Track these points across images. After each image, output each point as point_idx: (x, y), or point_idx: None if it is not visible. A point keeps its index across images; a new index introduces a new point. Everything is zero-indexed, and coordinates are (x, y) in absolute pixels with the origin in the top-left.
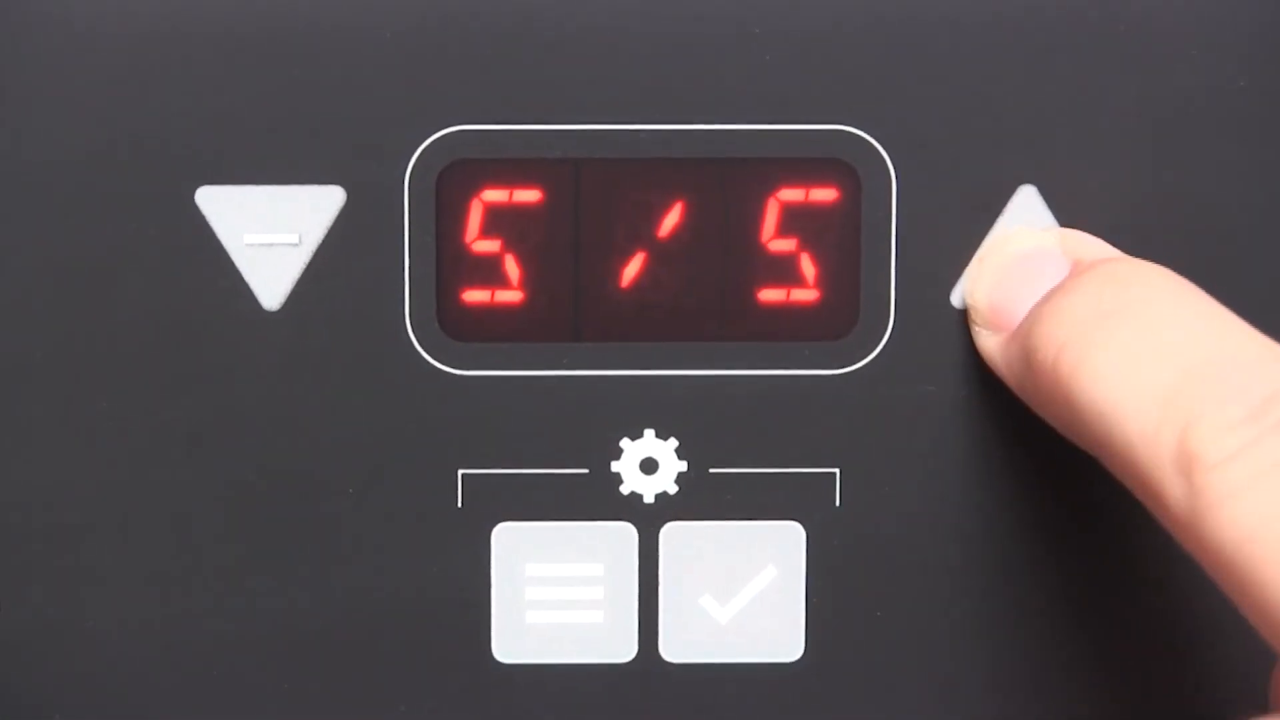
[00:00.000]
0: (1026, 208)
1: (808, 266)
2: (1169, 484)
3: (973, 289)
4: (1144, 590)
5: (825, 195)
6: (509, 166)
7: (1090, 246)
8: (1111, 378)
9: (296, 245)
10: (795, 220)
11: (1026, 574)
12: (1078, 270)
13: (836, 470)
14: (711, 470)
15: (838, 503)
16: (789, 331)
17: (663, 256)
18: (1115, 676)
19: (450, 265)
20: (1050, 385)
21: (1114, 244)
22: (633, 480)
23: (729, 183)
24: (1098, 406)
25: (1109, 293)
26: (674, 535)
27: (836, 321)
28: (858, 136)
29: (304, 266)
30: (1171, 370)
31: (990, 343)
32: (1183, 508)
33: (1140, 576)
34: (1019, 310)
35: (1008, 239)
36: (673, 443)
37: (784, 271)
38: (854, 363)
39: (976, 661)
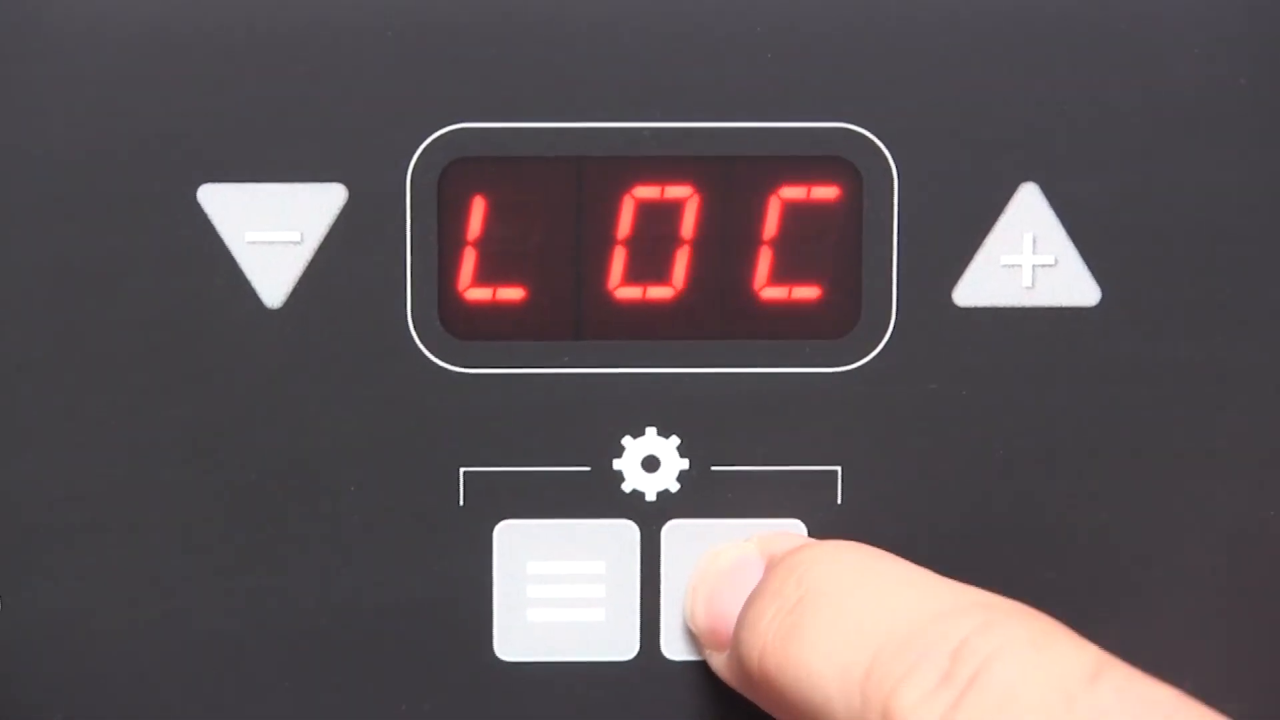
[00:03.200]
0: (1028, 205)
1: (809, 264)
2: None
3: (691, 614)
4: (1143, 590)
5: (827, 193)
6: (511, 164)
7: (781, 542)
8: (810, 669)
9: (298, 243)
10: (797, 218)
11: (1026, 573)
12: (769, 568)
13: (838, 468)
14: (713, 468)
15: (839, 500)
16: (791, 329)
17: (664, 254)
18: None
19: (452, 263)
20: (765, 688)
21: (1115, 243)
22: (634, 478)
23: (731, 180)
24: (806, 699)
25: (790, 585)
26: (676, 533)
27: (838, 319)
28: (860, 134)
29: (306, 264)
30: (860, 648)
31: (717, 662)
32: None
33: (1140, 574)
34: (731, 624)
35: (714, 556)
36: (674, 440)
37: (786, 269)
38: (856, 360)
39: None
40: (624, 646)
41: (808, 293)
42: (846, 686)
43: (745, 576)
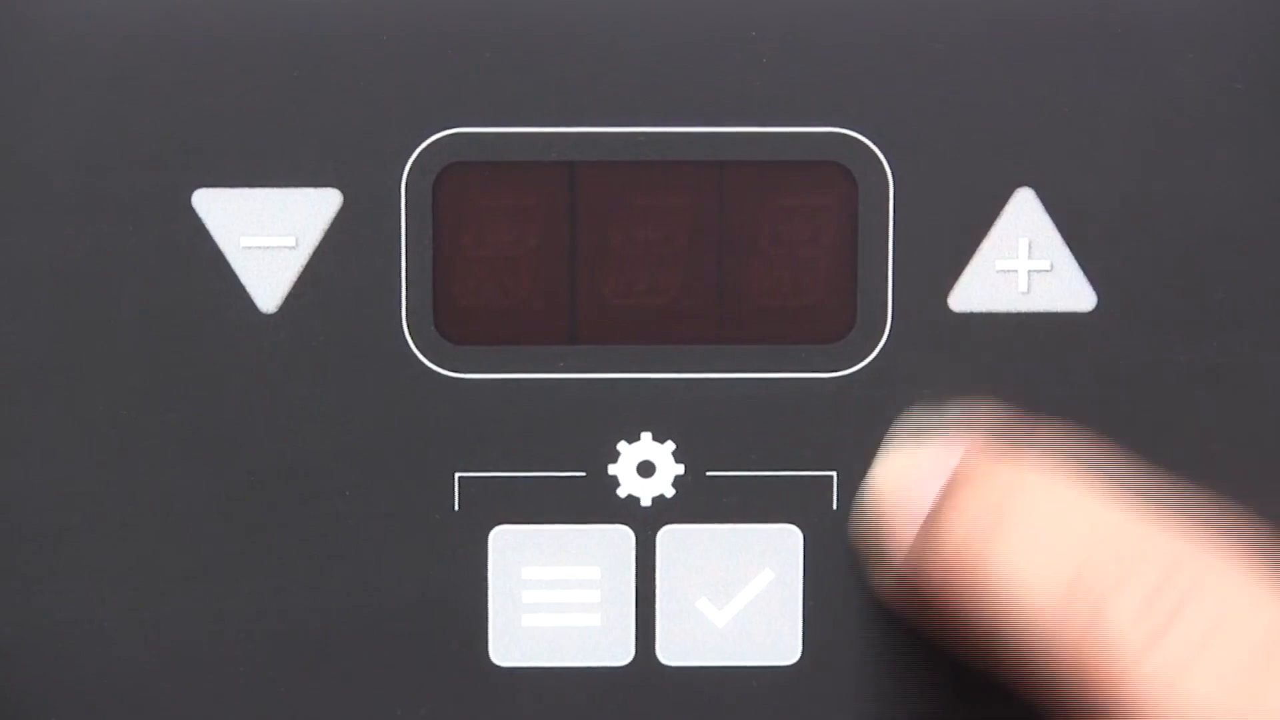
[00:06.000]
0: (1023, 211)
1: (804, 269)
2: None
3: (879, 501)
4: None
5: (822, 198)
6: (506, 169)
7: (974, 445)
8: (1014, 564)
9: (293, 248)
10: (792, 223)
11: None
12: (965, 472)
13: (833, 473)
14: (708, 473)
15: (835, 506)
16: (786, 334)
17: (660, 259)
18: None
19: (447, 268)
20: (958, 583)
21: (1111, 248)
22: (630, 483)
23: (725, 185)
24: (1007, 594)
25: (997, 480)
26: (671, 538)
27: (833, 324)
28: (854, 139)
29: (300, 269)
30: (1068, 549)
31: (901, 554)
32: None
33: None
34: (918, 519)
35: (905, 456)
36: (670, 446)
37: (781, 274)
38: (851, 366)
39: (973, 664)
40: (619, 652)
41: (803, 298)
42: (1052, 585)
43: (938, 469)
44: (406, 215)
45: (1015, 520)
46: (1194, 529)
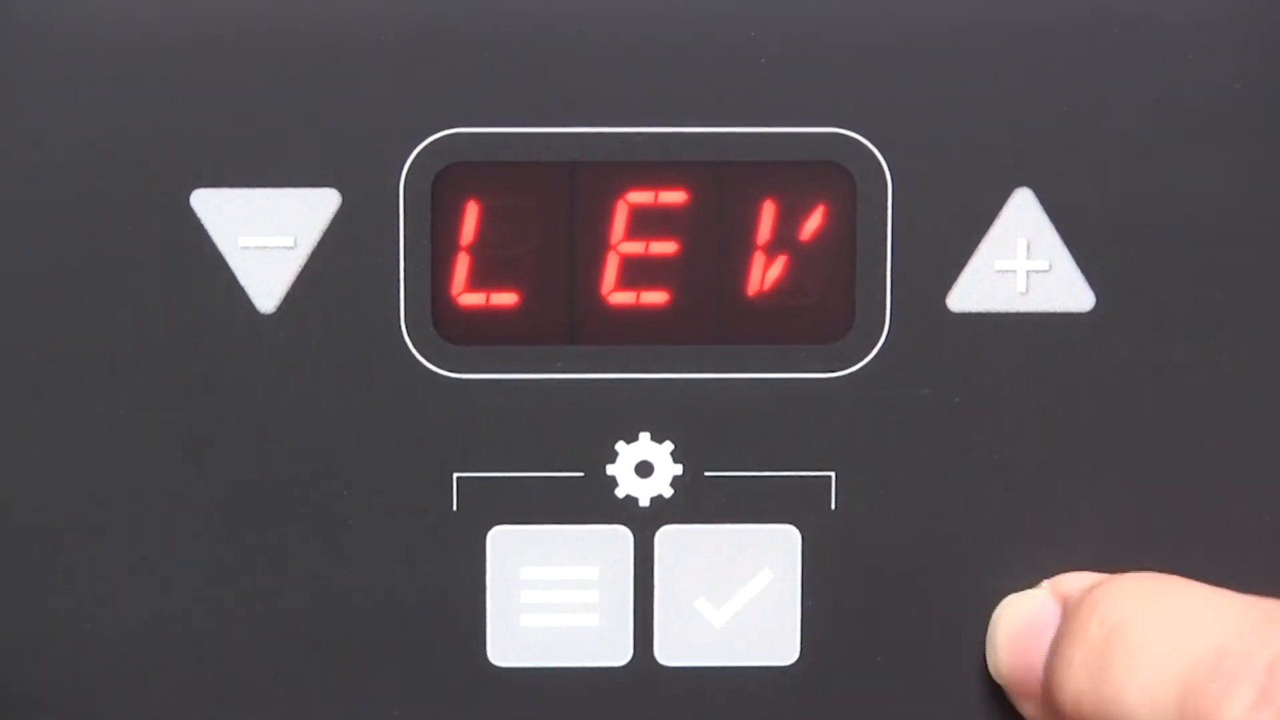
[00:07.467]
0: (1022, 211)
1: (803, 269)
2: None
3: (995, 668)
4: None
5: (821, 198)
6: (504, 169)
7: (1072, 582)
8: (1126, 706)
9: (291, 248)
10: (790, 223)
11: (1021, 578)
12: (1067, 612)
13: (832, 474)
14: (707, 474)
15: (833, 506)
16: (784, 335)
17: (658, 260)
18: None
19: (445, 268)
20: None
21: (1110, 248)
22: (628, 484)
23: (724, 185)
24: None
25: (1094, 625)
26: (669, 539)
27: (832, 325)
28: (854, 139)
29: (299, 269)
30: (1172, 676)
31: (1030, 711)
32: None
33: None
34: (1037, 673)
35: (1008, 606)
36: (668, 446)
37: (779, 274)
38: (849, 366)
39: (971, 666)
40: (617, 652)
41: (802, 298)
42: (1164, 717)
43: (1043, 623)
44: (405, 215)
45: (1118, 657)
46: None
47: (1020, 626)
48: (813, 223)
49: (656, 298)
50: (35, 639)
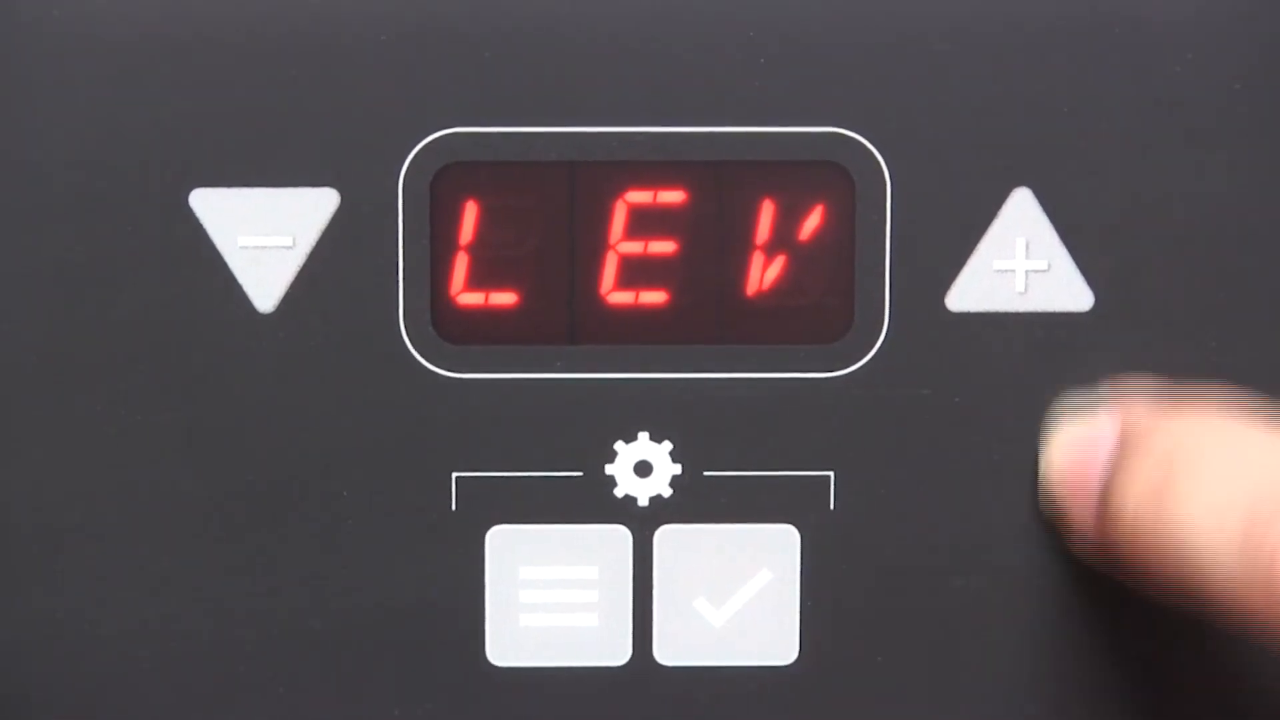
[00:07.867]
0: (1021, 210)
1: (802, 269)
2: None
3: (1045, 473)
4: (1137, 591)
5: (820, 198)
6: (503, 169)
7: (1137, 410)
8: (1187, 521)
9: (290, 248)
10: (789, 223)
11: (1020, 577)
12: (1131, 430)
13: (831, 473)
14: (706, 473)
15: (832, 506)
16: (783, 334)
17: (658, 259)
18: (1111, 678)
19: (444, 267)
20: (1137, 544)
21: (1109, 248)
22: (627, 483)
23: (723, 185)
24: (1183, 550)
25: (1160, 441)
26: (668, 538)
27: (831, 324)
28: (852, 139)
29: (298, 269)
30: (1237, 498)
31: (1081, 518)
32: None
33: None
34: (1092, 480)
35: (1065, 420)
36: (667, 446)
37: (778, 274)
38: (848, 366)
39: (971, 665)
40: (616, 652)
41: (800, 298)
42: (1226, 536)
43: (1103, 436)
44: (404, 215)
45: (1182, 476)
46: None
47: (1078, 436)
48: (812, 222)
49: (655, 297)
50: (35, 639)
